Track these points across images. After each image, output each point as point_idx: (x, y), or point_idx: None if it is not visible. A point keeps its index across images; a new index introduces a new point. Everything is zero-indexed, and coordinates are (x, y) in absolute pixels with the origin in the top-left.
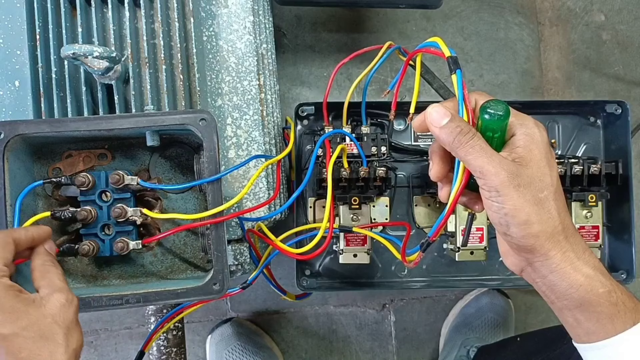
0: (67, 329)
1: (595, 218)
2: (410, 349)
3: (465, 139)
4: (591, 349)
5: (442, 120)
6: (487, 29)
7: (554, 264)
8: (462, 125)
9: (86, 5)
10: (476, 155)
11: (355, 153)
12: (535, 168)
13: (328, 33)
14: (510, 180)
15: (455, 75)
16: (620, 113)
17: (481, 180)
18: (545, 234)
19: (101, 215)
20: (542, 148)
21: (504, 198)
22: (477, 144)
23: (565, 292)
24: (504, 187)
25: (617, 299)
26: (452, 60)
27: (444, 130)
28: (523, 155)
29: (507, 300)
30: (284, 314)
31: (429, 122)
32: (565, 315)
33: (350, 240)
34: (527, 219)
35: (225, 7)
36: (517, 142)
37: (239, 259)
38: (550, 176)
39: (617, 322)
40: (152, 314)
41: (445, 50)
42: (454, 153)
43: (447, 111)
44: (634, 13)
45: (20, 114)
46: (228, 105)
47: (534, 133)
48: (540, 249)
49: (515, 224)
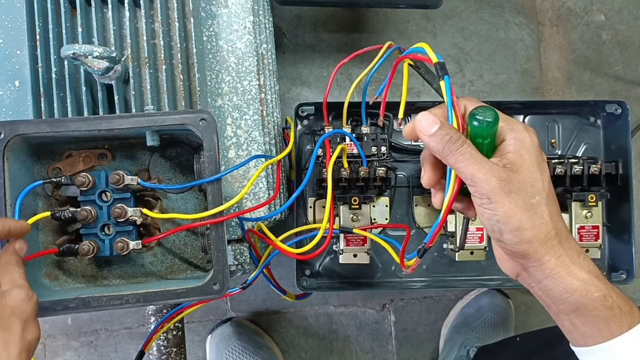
0: (24, 322)
1: (595, 218)
2: (410, 349)
3: (455, 147)
4: (588, 353)
5: (431, 128)
6: (487, 29)
7: (549, 269)
8: (451, 133)
9: (86, 5)
10: (466, 162)
11: (355, 153)
12: (526, 173)
13: (328, 33)
14: (501, 187)
15: (443, 82)
16: (620, 113)
17: (472, 188)
18: (538, 240)
19: (101, 215)
20: (533, 153)
21: (495, 205)
22: (467, 151)
23: (561, 296)
24: (495, 194)
25: (613, 303)
26: (439, 66)
27: (433, 138)
28: (513, 160)
29: (507, 300)
30: (284, 314)
31: (418, 130)
32: (562, 319)
33: (350, 241)
34: (519, 225)
35: (225, 7)
36: (507, 148)
37: (239, 259)
38: (541, 181)
39: (613, 326)
40: (152, 314)
41: (432, 57)
42: (445, 161)
43: (436, 119)
44: (634, 13)
45: (20, 114)
46: (228, 105)
47: (524, 138)
48: (534, 255)
49: (508, 231)
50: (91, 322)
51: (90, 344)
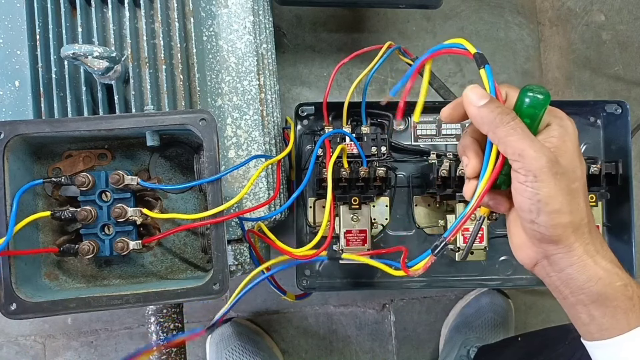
0: None
1: (595, 218)
2: (410, 349)
3: (507, 119)
4: (602, 346)
5: (480, 100)
6: (487, 29)
7: (576, 256)
8: (502, 106)
9: (86, 5)
10: (518, 137)
11: (355, 153)
12: (569, 159)
13: (328, 33)
14: (549, 166)
15: (483, 70)
16: (620, 113)
17: (518, 164)
18: (572, 225)
19: (101, 215)
20: (575, 141)
21: (540, 184)
22: (519, 125)
23: (583, 285)
24: (542, 173)
25: (633, 293)
26: (479, 56)
27: (484, 109)
28: (558, 145)
29: (507, 300)
30: (284, 314)
31: (467, 103)
32: (578, 312)
33: (351, 241)
34: (559, 208)
35: (225, 7)
36: (552, 132)
37: (239, 259)
38: (580, 169)
39: (632, 318)
40: (152, 314)
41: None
42: (492, 134)
43: (485, 92)
44: (634, 13)
45: (20, 114)
46: (228, 105)
47: (567, 125)
48: (565, 240)
49: (546, 212)
50: (91, 322)
51: (90, 344)
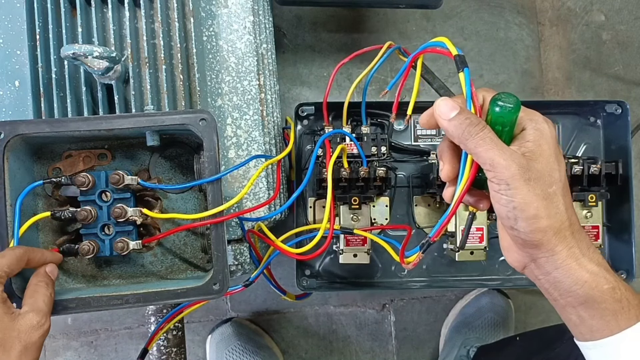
0: (24, 348)
1: (595, 218)
2: (410, 349)
3: (475, 131)
4: (594, 347)
5: (450, 112)
6: (487, 29)
7: (560, 259)
8: (471, 118)
9: (86, 5)
10: (487, 147)
11: (355, 153)
12: (544, 163)
13: (328, 33)
14: (521, 173)
15: (462, 73)
16: (620, 113)
17: (491, 173)
18: (552, 229)
19: (101, 215)
20: (551, 143)
21: (513, 191)
22: (487, 135)
23: (570, 288)
24: (514, 180)
25: (621, 296)
26: (459, 58)
27: (452, 122)
28: (533, 149)
29: (507, 300)
30: (284, 314)
31: (437, 115)
32: (568, 313)
33: (351, 240)
34: (536, 213)
35: (225, 7)
36: (526, 137)
37: (239, 259)
38: (558, 171)
39: (621, 319)
40: (152, 314)
41: (452, 49)
42: (463, 146)
43: (455, 104)
44: (634, 13)
45: (20, 114)
46: (228, 105)
47: (543, 128)
48: (547, 244)
49: (523, 218)
50: (91, 322)
51: (90, 344)
